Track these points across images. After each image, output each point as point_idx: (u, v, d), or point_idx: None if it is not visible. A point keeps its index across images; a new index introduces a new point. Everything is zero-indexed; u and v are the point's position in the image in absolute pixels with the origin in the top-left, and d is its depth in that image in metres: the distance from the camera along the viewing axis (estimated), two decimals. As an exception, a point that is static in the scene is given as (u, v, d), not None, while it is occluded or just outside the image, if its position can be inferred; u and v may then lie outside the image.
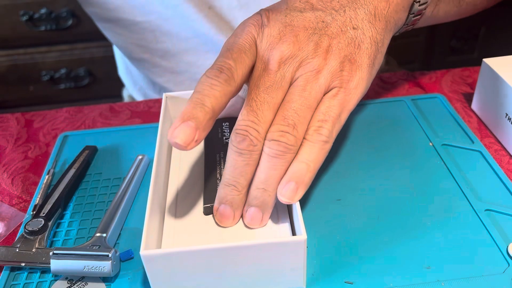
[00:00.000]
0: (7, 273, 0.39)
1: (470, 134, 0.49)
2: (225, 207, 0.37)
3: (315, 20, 0.37)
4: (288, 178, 0.35)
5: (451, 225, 0.40)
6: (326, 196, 0.43)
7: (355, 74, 0.37)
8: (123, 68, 0.81)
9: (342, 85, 0.36)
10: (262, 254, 0.33)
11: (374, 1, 0.38)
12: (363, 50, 0.37)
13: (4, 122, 0.57)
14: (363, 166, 0.46)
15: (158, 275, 0.34)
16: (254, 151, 0.35)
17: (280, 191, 0.35)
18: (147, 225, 0.34)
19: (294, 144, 0.34)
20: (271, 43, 0.37)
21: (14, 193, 0.47)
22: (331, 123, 0.35)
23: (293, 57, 0.36)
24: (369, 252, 0.38)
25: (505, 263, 0.37)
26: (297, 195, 0.34)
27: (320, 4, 0.38)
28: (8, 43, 1.28)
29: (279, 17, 0.38)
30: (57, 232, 0.42)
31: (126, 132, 0.53)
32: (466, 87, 0.58)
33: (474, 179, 0.44)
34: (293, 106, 0.35)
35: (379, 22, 0.38)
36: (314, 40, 0.37)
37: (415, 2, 0.41)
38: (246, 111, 0.35)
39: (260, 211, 0.36)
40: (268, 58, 0.37)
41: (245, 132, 0.34)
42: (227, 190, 0.36)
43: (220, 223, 0.38)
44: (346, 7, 0.38)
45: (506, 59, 0.49)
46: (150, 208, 0.35)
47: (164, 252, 0.32)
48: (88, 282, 0.37)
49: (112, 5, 0.60)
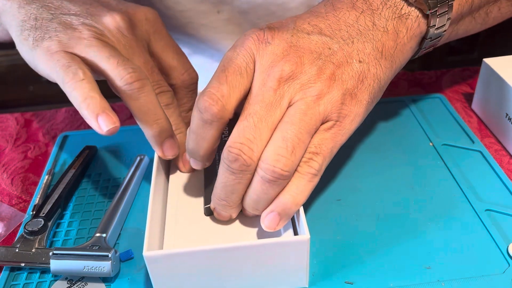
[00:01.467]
0: (6, 273, 0.39)
1: (470, 134, 0.49)
2: (220, 212, 0.37)
3: (322, 45, 0.36)
4: (273, 208, 0.35)
5: (451, 225, 0.40)
6: (326, 196, 0.43)
7: (353, 109, 0.36)
8: None
9: (339, 119, 0.35)
10: (265, 254, 0.33)
11: (382, 38, 0.37)
12: (365, 86, 0.36)
13: (3, 122, 0.57)
14: (363, 166, 0.46)
15: (161, 276, 0.34)
16: (247, 171, 0.34)
17: (262, 219, 0.35)
18: (149, 226, 0.34)
19: (290, 170, 0.33)
20: (273, 61, 0.35)
21: (13, 193, 0.47)
22: (322, 157, 0.35)
23: (294, 78, 0.35)
24: (369, 252, 0.38)
25: (505, 263, 0.37)
26: (278, 226, 0.35)
27: (329, 31, 0.37)
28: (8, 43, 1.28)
29: (285, 36, 0.36)
30: (57, 232, 0.42)
31: (126, 132, 0.53)
32: (466, 87, 0.58)
33: (474, 179, 0.44)
34: (294, 128, 0.34)
35: (385, 60, 0.37)
36: (318, 65, 0.35)
37: (425, 39, 0.39)
38: (242, 127, 0.34)
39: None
40: (268, 75, 0.35)
41: (238, 152, 0.33)
42: (218, 204, 0.37)
43: (220, 219, 0.38)
44: (355, 39, 0.36)
45: (506, 59, 0.49)
46: (152, 209, 0.35)
47: (167, 253, 0.32)
48: (88, 282, 0.37)
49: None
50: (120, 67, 0.36)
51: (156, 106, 0.37)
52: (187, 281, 0.34)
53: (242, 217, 0.38)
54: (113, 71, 0.36)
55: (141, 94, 0.37)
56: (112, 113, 0.35)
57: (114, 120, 0.35)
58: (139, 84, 0.36)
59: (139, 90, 0.36)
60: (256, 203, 0.35)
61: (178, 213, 0.39)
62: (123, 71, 0.36)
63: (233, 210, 0.37)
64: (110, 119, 0.34)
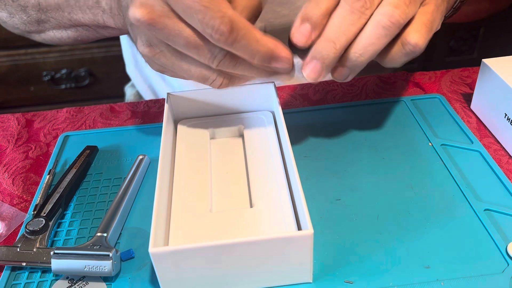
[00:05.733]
0: (8, 273, 0.39)
1: (469, 134, 0.49)
2: (316, 63, 0.37)
3: None
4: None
5: (450, 224, 0.40)
6: (326, 196, 0.43)
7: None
8: (131, 65, 0.81)
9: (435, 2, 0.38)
10: (269, 249, 0.33)
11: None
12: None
13: (4, 122, 0.57)
14: (363, 166, 0.46)
15: (167, 272, 0.34)
16: (365, 14, 0.35)
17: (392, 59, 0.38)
18: (155, 223, 0.34)
19: (405, 20, 0.35)
20: None
21: (15, 193, 0.47)
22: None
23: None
24: (369, 251, 0.38)
25: (504, 263, 0.37)
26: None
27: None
28: (9, 44, 1.29)
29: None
30: (58, 231, 0.42)
31: (126, 132, 0.53)
32: (466, 87, 0.58)
33: (473, 179, 0.44)
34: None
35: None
36: None
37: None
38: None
39: (349, 72, 0.38)
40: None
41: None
42: (325, 45, 0.37)
43: (304, 72, 0.38)
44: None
45: (506, 59, 0.49)
46: (157, 206, 0.36)
47: (173, 249, 0.33)
48: (89, 281, 0.37)
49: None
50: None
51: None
52: (192, 277, 0.34)
53: (246, 214, 0.38)
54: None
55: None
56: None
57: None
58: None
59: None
60: (364, 49, 0.36)
61: (183, 210, 0.39)
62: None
63: (332, 57, 0.37)
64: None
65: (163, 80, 0.73)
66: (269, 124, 0.47)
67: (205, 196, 0.40)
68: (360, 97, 0.57)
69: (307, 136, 0.51)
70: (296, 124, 0.52)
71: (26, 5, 0.53)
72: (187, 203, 0.40)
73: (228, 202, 0.41)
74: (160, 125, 0.48)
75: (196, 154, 0.44)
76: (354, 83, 0.59)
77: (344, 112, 0.54)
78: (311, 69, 0.37)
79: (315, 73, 0.37)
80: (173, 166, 0.43)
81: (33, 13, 0.53)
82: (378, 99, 0.56)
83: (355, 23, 0.36)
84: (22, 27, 0.55)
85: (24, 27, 0.55)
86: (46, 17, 0.53)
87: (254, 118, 0.48)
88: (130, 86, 0.86)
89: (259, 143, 0.45)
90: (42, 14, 0.52)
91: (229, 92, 0.47)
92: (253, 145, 0.45)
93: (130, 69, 0.82)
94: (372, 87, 0.58)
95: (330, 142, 0.50)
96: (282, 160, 0.42)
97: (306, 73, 0.38)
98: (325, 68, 0.37)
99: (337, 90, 0.58)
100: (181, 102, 0.47)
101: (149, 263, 0.39)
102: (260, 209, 0.38)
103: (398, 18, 0.35)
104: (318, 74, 0.37)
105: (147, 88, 0.78)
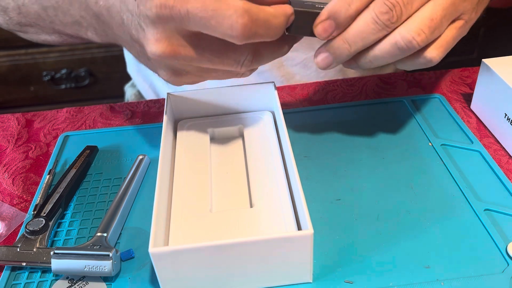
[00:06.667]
0: (8, 273, 0.39)
1: (469, 134, 0.49)
2: (329, 56, 0.38)
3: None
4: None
5: (450, 224, 0.40)
6: (326, 196, 0.43)
7: (473, 16, 0.40)
8: (132, 64, 0.81)
9: (467, 20, 0.39)
10: (269, 249, 0.33)
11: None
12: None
13: (4, 122, 0.57)
14: (363, 166, 0.46)
15: (167, 272, 0.34)
16: (389, 28, 0.36)
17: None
18: (155, 223, 0.34)
19: (422, 46, 0.36)
20: None
21: (15, 193, 0.47)
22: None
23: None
24: (369, 252, 0.38)
25: (504, 263, 0.37)
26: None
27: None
28: (9, 44, 1.29)
29: None
30: (58, 231, 0.42)
31: (126, 132, 0.53)
32: (466, 87, 0.58)
33: (473, 179, 0.44)
34: (442, 12, 0.36)
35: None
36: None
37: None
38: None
39: (357, 68, 0.39)
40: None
41: (392, 6, 0.35)
42: (341, 44, 0.37)
43: (315, 58, 0.39)
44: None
45: (506, 59, 0.49)
46: (157, 206, 0.36)
47: (173, 249, 0.33)
48: (89, 281, 0.37)
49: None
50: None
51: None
52: (192, 277, 0.34)
53: (246, 214, 0.38)
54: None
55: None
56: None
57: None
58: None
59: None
60: (375, 59, 0.38)
61: (183, 210, 0.39)
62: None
63: (345, 55, 0.38)
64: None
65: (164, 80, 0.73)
66: (269, 124, 0.47)
67: (205, 196, 0.40)
68: (360, 97, 0.57)
69: (307, 136, 0.51)
70: (296, 124, 0.52)
71: (6, 6, 0.52)
72: (187, 203, 0.40)
73: (228, 202, 0.41)
74: (160, 125, 0.48)
75: (196, 154, 0.44)
76: (354, 83, 0.59)
77: (344, 112, 0.54)
78: (323, 59, 0.39)
79: (325, 64, 0.39)
80: (173, 166, 0.44)
81: (14, 16, 0.52)
82: (378, 99, 0.56)
83: (376, 33, 0.36)
84: (5, 26, 0.55)
85: (7, 26, 0.55)
86: (27, 21, 0.52)
87: (254, 118, 0.48)
88: (130, 85, 0.86)
89: (259, 143, 0.45)
90: (22, 18, 0.52)
91: (229, 92, 0.47)
92: (253, 145, 0.45)
93: (131, 68, 0.82)
94: (372, 87, 0.58)
95: (330, 142, 0.50)
96: (282, 160, 0.42)
97: (317, 60, 0.39)
98: (336, 63, 0.39)
99: (337, 90, 0.58)
100: (181, 102, 0.47)
101: (149, 263, 0.39)
102: (260, 209, 0.38)
103: (416, 45, 0.36)
104: (327, 65, 0.39)
105: (147, 87, 0.78)
